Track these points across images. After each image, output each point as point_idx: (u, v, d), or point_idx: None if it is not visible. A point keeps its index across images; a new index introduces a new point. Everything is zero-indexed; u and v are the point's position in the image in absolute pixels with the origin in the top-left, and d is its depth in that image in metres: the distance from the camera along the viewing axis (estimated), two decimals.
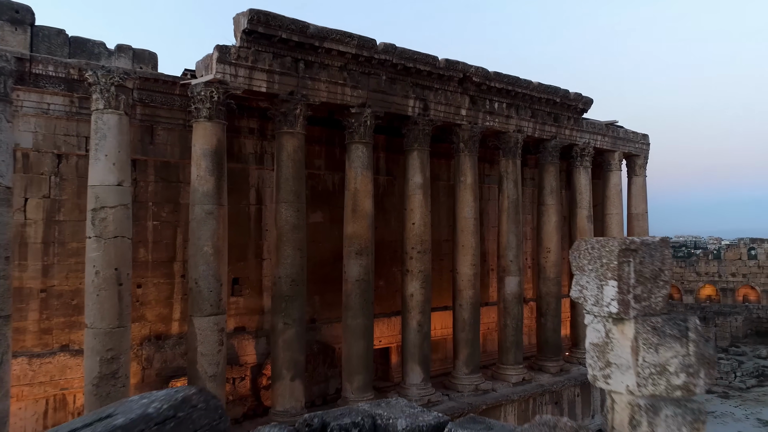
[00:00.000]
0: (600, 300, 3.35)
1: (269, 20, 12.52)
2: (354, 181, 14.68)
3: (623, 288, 3.25)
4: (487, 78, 16.92)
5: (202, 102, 12.32)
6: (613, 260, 3.26)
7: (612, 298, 3.27)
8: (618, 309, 3.26)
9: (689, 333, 3.30)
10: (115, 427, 3.29)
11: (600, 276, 3.33)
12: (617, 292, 3.25)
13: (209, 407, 3.82)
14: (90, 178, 11.28)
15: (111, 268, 11.07)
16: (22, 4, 12.19)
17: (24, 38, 12.09)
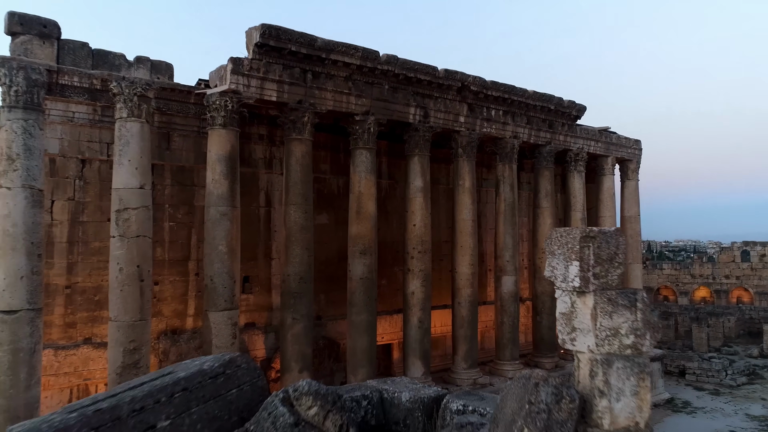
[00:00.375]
0: (566, 277, 4.17)
1: (280, 34, 13.38)
2: (358, 184, 15.52)
3: (584, 267, 4.08)
4: (484, 87, 17.78)
5: (217, 110, 13.17)
6: (576, 245, 4.08)
7: (575, 275, 4.09)
8: (580, 284, 4.08)
9: (637, 303, 4.12)
10: (179, 378, 4.12)
11: (566, 258, 4.16)
12: (579, 271, 4.07)
13: (250, 368, 4.66)
14: (114, 181, 12.12)
15: (133, 265, 11.89)
16: (50, 20, 13.05)
17: (51, 51, 12.93)
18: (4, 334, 10.50)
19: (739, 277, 40.03)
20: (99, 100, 13.34)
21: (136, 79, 12.27)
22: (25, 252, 10.71)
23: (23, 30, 12.64)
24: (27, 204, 10.77)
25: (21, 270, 10.66)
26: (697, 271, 41.59)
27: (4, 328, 10.51)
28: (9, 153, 10.69)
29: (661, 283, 42.89)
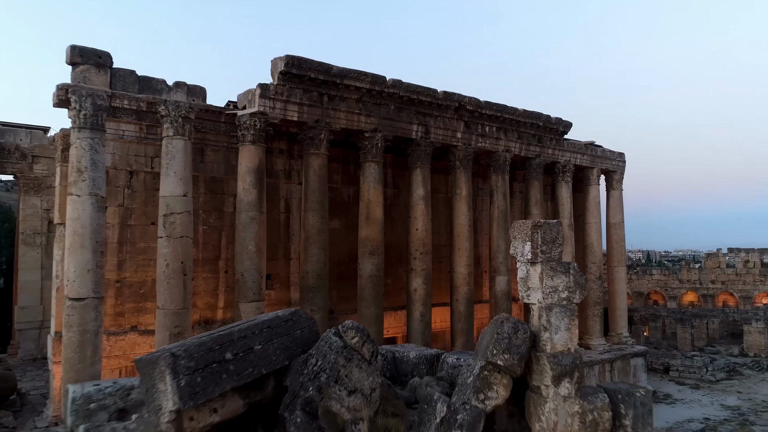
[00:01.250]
0: (523, 253, 6.17)
1: (301, 63, 15.49)
2: (367, 193, 17.56)
3: (534, 246, 6.08)
4: (479, 106, 19.88)
5: (247, 129, 15.24)
6: (529, 231, 6.08)
7: (528, 251, 6.09)
8: (531, 257, 6.08)
9: (570, 270, 6.10)
10: (265, 320, 6.13)
11: (523, 240, 6.16)
12: (531, 248, 6.07)
13: (308, 318, 6.66)
14: (161, 190, 14.16)
15: (178, 261, 13.91)
16: (104, 51, 15.12)
17: (105, 78, 14.99)
18: (74, 318, 12.49)
19: (724, 282, 41.93)
20: (144, 120, 15.42)
21: (181, 102, 14.36)
22: (91, 249, 12.73)
23: (82, 60, 14.72)
24: (93, 209, 12.80)
25: (88, 264, 12.67)
26: (685, 276, 43.50)
27: (74, 313, 12.51)
28: (78, 166, 12.73)
29: (651, 288, 44.77)
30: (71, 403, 6.28)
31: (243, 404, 5.75)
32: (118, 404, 6.47)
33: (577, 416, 5.94)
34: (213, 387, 5.39)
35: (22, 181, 22.46)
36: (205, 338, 5.69)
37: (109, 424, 6.11)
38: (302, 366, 5.98)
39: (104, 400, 6.40)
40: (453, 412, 5.93)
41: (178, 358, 5.24)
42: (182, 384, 5.14)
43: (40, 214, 22.71)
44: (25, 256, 22.29)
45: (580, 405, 5.97)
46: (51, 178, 22.76)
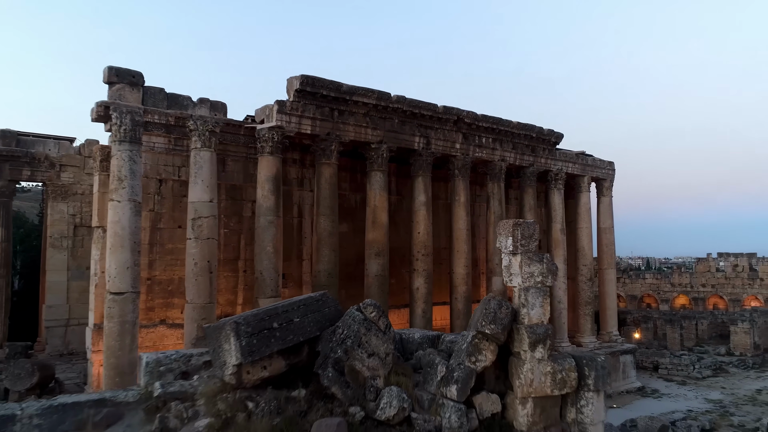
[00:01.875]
0: (506, 246, 7.72)
1: (314, 82, 17.09)
2: (373, 199, 19.12)
3: (515, 240, 7.63)
4: (476, 119, 21.47)
5: (266, 141, 16.82)
6: (510, 228, 7.64)
7: (510, 244, 7.64)
8: (513, 249, 7.63)
9: (544, 260, 7.64)
10: (301, 299, 7.68)
11: (506, 235, 7.71)
12: (512, 242, 7.62)
13: (333, 299, 8.20)
14: (190, 196, 15.72)
15: (205, 260, 15.45)
16: (137, 71, 16.71)
17: (138, 95, 16.58)
18: (115, 310, 14.01)
19: (714, 285, 43.38)
20: (172, 133, 17.00)
21: (207, 117, 15.95)
22: (130, 249, 14.27)
23: (118, 80, 16.32)
24: (131, 213, 14.35)
25: (127, 262, 14.20)
26: (677, 280, 44.95)
27: (114, 306, 14.03)
28: (119, 175, 14.29)
29: (644, 292, 46.21)
30: (145, 366, 7.83)
31: (285, 365, 7.29)
32: (181, 368, 8.00)
33: (549, 375, 7.47)
34: (264, 348, 6.93)
35: (50, 188, 24.01)
36: (257, 311, 7.27)
37: (177, 381, 7.65)
38: (331, 335, 7.52)
39: (171, 365, 7.94)
40: (450, 371, 7.46)
41: (240, 325, 6.81)
42: (243, 344, 6.70)
43: (67, 219, 24.26)
44: (52, 258, 23.82)
45: (552, 366, 7.49)
46: (77, 185, 24.35)
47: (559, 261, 25.40)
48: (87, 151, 24.65)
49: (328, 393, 7.14)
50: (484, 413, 7.43)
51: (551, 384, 7.48)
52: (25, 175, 23.63)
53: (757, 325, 34.72)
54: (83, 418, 7.10)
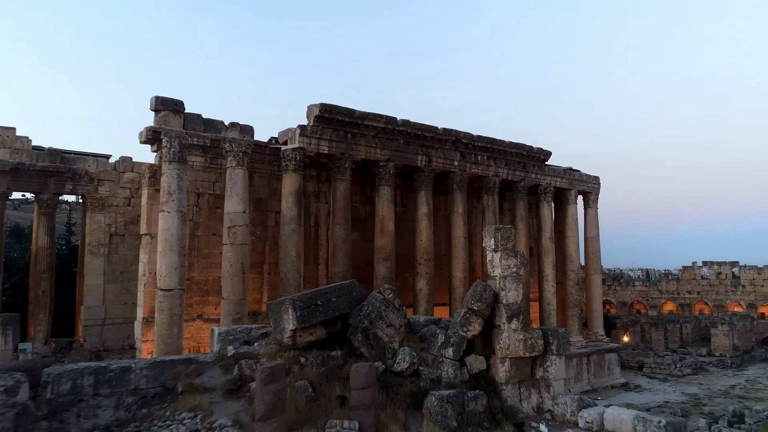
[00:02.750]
0: (490, 245, 10.23)
1: (331, 109, 19.70)
2: (381, 210, 21.64)
3: (496, 241, 10.14)
4: (472, 139, 24.05)
5: (289, 160, 19.39)
6: (492, 232, 10.15)
7: (493, 244, 10.16)
8: (494, 247, 10.15)
9: (518, 255, 10.14)
10: (335, 286, 10.19)
11: (489, 237, 10.21)
12: (494, 242, 10.14)
13: (358, 286, 10.70)
14: (226, 207, 18.26)
15: (238, 262, 17.95)
16: (179, 100, 19.30)
17: (180, 121, 19.17)
18: (165, 304, 16.49)
19: (699, 292, 45.72)
20: (208, 153, 19.58)
21: (241, 140, 18.53)
22: (178, 252, 16.78)
23: (163, 108, 18.93)
24: (178, 222, 16.87)
25: (174, 264, 16.71)
26: (664, 287, 47.29)
27: (165, 300, 16.51)
28: (169, 189, 16.83)
29: (633, 299, 48.56)
30: (217, 336, 10.34)
31: (325, 333, 9.79)
32: (244, 338, 10.50)
33: (521, 341, 9.95)
34: (312, 318, 9.45)
35: (88, 201, 26.52)
36: (306, 293, 9.81)
37: (243, 346, 10.17)
38: (359, 311, 10.03)
39: (237, 335, 10.45)
40: (448, 338, 9.96)
41: (295, 300, 9.36)
42: (298, 314, 9.23)
43: (103, 228, 26.76)
44: (90, 264, 26.27)
45: (524, 335, 9.98)
46: (112, 198, 26.87)
47: (548, 266, 27.89)
48: (121, 167, 27.21)
49: (357, 353, 9.63)
50: (473, 370, 9.92)
51: (523, 348, 9.96)
52: (67, 189, 26.14)
53: (737, 328, 37.07)
54: (177, 371, 9.62)
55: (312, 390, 8.69)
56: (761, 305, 43.95)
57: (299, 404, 8.19)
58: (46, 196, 25.71)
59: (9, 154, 24.63)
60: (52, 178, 25.67)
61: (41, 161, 25.49)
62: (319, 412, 8.26)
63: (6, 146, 24.61)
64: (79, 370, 8.92)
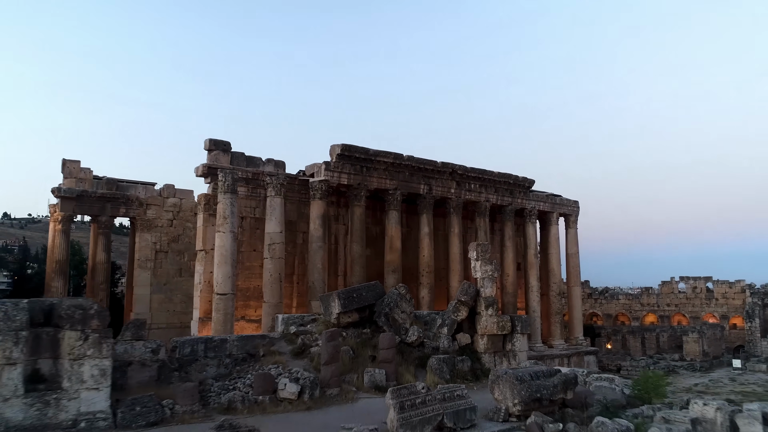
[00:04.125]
0: (473, 255, 14.45)
1: (350, 148, 24.07)
2: (390, 230, 25.89)
3: (477, 252, 14.37)
4: (466, 171, 28.40)
5: (316, 190, 23.70)
6: (475, 246, 14.38)
7: (475, 255, 14.38)
8: (476, 257, 14.36)
9: (492, 263, 14.37)
10: (363, 285, 14.43)
11: (473, 250, 14.42)
12: (476, 254, 14.37)
13: (380, 285, 14.94)
14: (266, 228, 22.51)
15: (276, 273, 22.16)
16: (227, 141, 23.66)
17: (227, 158, 23.53)
18: (220, 305, 20.64)
19: (677, 305, 49.64)
20: (250, 184, 23.90)
21: (278, 174, 22.87)
22: (230, 264, 20.98)
23: (214, 148, 23.33)
24: (231, 240, 21.11)
25: (228, 273, 20.91)
26: (645, 300, 51.22)
27: (220, 302, 20.67)
28: (223, 214, 21.09)
29: (618, 311, 52.46)
30: (281, 320, 14.56)
31: (358, 317, 14.02)
32: (299, 322, 14.70)
33: (495, 323, 14.12)
34: (350, 305, 13.70)
35: (138, 222, 30.79)
36: (345, 289, 14.10)
37: (300, 327, 14.35)
38: (381, 302, 14.27)
39: (294, 320, 14.69)
40: (443, 321, 14.17)
41: (340, 293, 13.66)
42: (341, 302, 13.50)
43: (150, 246, 30.99)
44: (139, 276, 30.46)
45: (497, 319, 14.17)
46: (157, 219, 31.15)
47: (533, 279, 32.04)
48: (165, 193, 31.55)
49: (381, 330, 13.81)
50: (461, 343, 14.09)
51: (497, 328, 14.13)
52: (121, 212, 30.45)
53: (706, 336, 41.06)
54: (256, 343, 13.80)
55: (352, 352, 12.88)
56: (733, 316, 47.92)
57: (345, 360, 12.36)
58: (104, 219, 30.00)
59: (75, 183, 28.95)
60: (109, 203, 29.97)
61: (100, 189, 29.83)
62: (358, 364, 12.44)
63: (72, 176, 28.95)
64: (195, 340, 13.14)
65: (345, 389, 11.38)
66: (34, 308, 8.74)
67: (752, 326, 44.04)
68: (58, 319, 8.85)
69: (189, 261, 31.06)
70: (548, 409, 9.38)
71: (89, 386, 8.71)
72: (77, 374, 8.66)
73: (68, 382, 8.58)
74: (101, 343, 8.88)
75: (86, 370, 8.71)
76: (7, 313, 8.30)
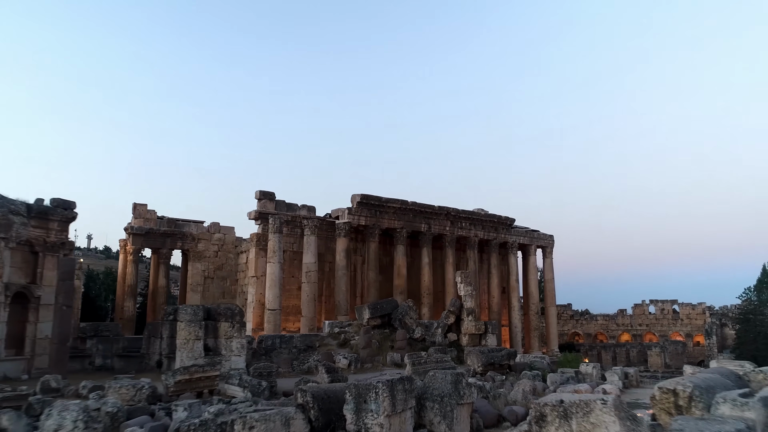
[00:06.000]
0: (458, 279, 20.99)
1: (368, 198, 30.85)
2: (398, 260, 32.46)
3: (461, 277, 20.90)
4: (458, 212, 35.12)
5: (341, 229, 30.36)
6: (460, 273, 20.91)
7: (460, 279, 20.91)
8: (460, 281, 20.88)
9: (471, 283, 20.87)
10: (384, 300, 21.02)
11: (458, 275, 20.96)
12: (460, 278, 20.91)
13: (396, 300, 21.52)
14: (304, 259, 29.11)
15: (312, 294, 28.68)
16: (272, 192, 30.39)
17: (273, 205, 30.22)
18: (271, 318, 27.06)
19: (648, 324, 55.74)
20: (288, 225, 30.58)
21: (311, 217, 29.58)
22: (278, 287, 27.49)
23: (262, 197, 30.08)
24: (278, 269, 27.65)
25: (276, 294, 27.39)
26: (620, 321, 57.31)
27: (271, 316, 27.09)
28: (273, 249, 27.69)
29: (597, 330, 58.51)
30: (327, 324, 21.12)
31: (380, 321, 20.72)
32: (339, 325, 21.23)
33: (474, 325, 20.64)
34: (375, 313, 20.47)
35: (190, 254, 37.34)
36: (372, 303, 20.79)
37: (340, 328, 20.95)
38: (396, 311, 20.98)
39: (336, 324, 21.24)
40: (438, 324, 20.72)
41: (368, 305, 20.39)
42: (370, 310, 20.25)
43: (200, 273, 37.51)
44: (191, 298, 36.84)
45: (475, 323, 20.70)
46: (205, 251, 37.72)
47: (515, 301, 38.47)
48: (212, 229, 38.20)
49: (396, 330, 20.28)
50: (450, 339, 20.58)
51: (474, 329, 20.61)
52: (177, 245, 37.02)
53: (668, 351, 47.24)
54: (312, 339, 20.31)
55: (378, 343, 19.38)
56: (696, 334, 54.09)
57: (374, 347, 18.84)
58: (164, 251, 36.60)
59: (143, 222, 35.65)
60: (168, 238, 36.59)
61: (162, 227, 36.52)
62: (382, 350, 18.92)
63: (141, 217, 35.66)
64: (273, 336, 19.66)
65: (375, 365, 17.88)
66: (205, 309, 15.33)
67: (710, 343, 50.11)
68: (217, 315, 15.43)
69: (231, 285, 37.69)
70: (498, 370, 15.87)
71: (235, 354, 15.22)
72: (228, 347, 15.19)
73: (225, 351, 15.11)
74: (241, 330, 15.44)
75: (234, 344, 15.24)
76: (195, 312, 14.89)
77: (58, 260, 15.93)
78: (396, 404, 8.25)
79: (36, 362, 15.57)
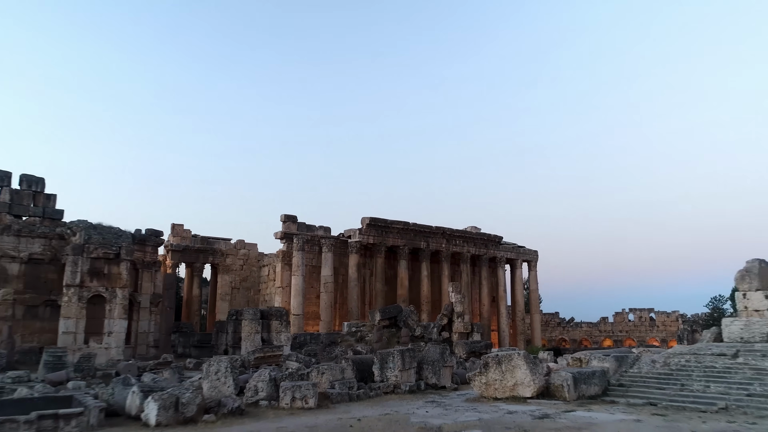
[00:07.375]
0: (450, 289, 26.23)
1: (375, 220, 36.16)
2: (401, 273, 37.68)
3: (453, 288, 26.13)
4: (453, 232, 40.40)
5: (353, 247, 35.63)
6: (452, 284, 26.13)
7: (452, 289, 26.16)
8: (452, 291, 26.15)
9: (462, 292, 26.08)
10: (391, 306, 26.29)
11: (451, 287, 26.24)
12: (452, 288, 26.14)
13: (400, 305, 26.79)
14: (322, 272, 34.32)
15: (329, 301, 33.84)
16: (294, 215, 35.66)
17: (295, 226, 35.46)
18: (296, 322, 32.25)
19: (627, 331, 60.73)
20: (308, 243, 35.88)
21: (327, 237, 34.88)
22: (302, 296, 32.71)
23: (286, 219, 35.40)
24: (302, 281, 32.85)
25: (300, 302, 32.55)
26: (603, 328, 62.27)
27: (296, 320, 32.31)
28: (297, 264, 32.90)
29: (582, 337, 63.48)
30: (346, 325, 26.40)
31: (389, 322, 25.99)
32: (356, 325, 26.55)
33: (462, 325, 25.83)
34: (385, 315, 25.82)
35: (219, 267, 42.55)
36: (381, 308, 26.16)
37: (357, 328, 26.28)
38: (401, 314, 26.27)
39: (353, 324, 26.56)
40: (434, 325, 25.96)
41: (379, 309, 25.78)
42: (380, 313, 25.61)
43: (228, 284, 42.70)
44: (220, 306, 42.01)
45: (464, 323, 25.90)
46: (233, 265, 42.97)
47: (503, 308, 43.61)
48: (238, 245, 43.49)
49: (401, 329, 25.47)
50: (444, 337, 25.79)
51: (463, 329, 25.81)
52: (209, 260, 42.23)
53: None
54: (335, 335, 25.58)
55: (387, 339, 24.58)
56: (671, 340, 59.08)
57: (383, 341, 24.04)
58: (197, 265, 41.82)
59: (180, 240, 40.94)
60: (201, 254, 41.83)
61: (196, 244, 41.79)
62: (390, 344, 24.09)
63: (178, 235, 40.94)
64: (304, 334, 24.87)
65: None
66: (260, 311, 20.57)
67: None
68: (269, 315, 20.66)
69: (254, 295, 42.91)
70: (478, 356, 21.07)
71: (284, 344, 20.44)
72: (278, 339, 20.40)
73: (275, 342, 20.32)
74: (287, 326, 20.66)
75: (282, 337, 20.45)
76: (254, 313, 20.13)
77: (152, 274, 21.17)
78: (405, 364, 13.53)
79: (138, 350, 20.73)
